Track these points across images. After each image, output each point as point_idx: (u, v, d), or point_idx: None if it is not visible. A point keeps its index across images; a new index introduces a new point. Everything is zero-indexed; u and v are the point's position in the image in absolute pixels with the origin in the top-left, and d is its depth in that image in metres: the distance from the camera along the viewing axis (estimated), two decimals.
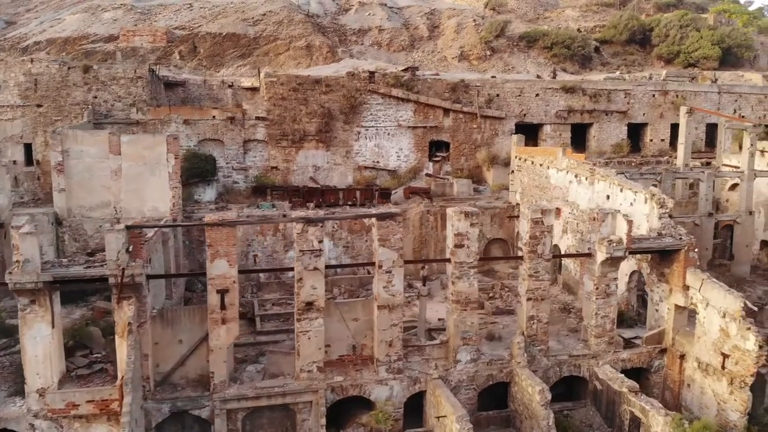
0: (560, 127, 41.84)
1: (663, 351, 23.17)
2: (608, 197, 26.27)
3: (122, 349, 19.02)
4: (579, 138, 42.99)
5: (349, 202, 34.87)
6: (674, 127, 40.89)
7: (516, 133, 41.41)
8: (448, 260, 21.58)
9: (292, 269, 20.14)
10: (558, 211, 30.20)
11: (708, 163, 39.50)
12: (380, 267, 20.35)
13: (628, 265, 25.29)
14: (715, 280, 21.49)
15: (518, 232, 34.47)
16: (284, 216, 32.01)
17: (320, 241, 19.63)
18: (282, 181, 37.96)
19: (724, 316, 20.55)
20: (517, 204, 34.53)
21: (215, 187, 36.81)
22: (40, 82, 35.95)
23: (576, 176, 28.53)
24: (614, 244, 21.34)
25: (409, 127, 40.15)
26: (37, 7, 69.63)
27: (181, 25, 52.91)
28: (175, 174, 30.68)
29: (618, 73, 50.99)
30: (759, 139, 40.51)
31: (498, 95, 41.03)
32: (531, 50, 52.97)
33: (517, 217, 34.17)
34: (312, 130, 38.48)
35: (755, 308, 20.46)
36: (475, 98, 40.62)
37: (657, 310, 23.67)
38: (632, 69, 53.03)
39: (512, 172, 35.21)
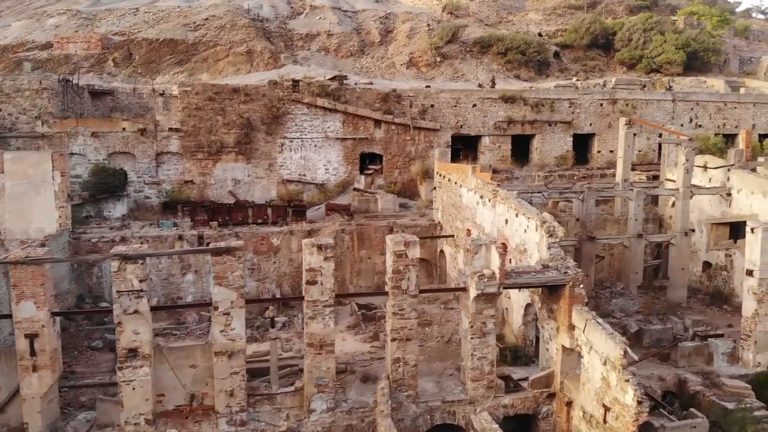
0: (500, 138, 39.49)
1: (552, 396, 20.88)
2: (507, 221, 24.01)
3: None
4: (522, 150, 40.66)
5: (260, 220, 32.64)
6: None
7: (455, 145, 39.27)
8: (302, 298, 19.40)
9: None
10: (468, 232, 27.98)
11: (656, 177, 37.18)
12: (216, 308, 18.21)
13: (523, 297, 23.06)
14: (600, 320, 19.13)
15: (441, 251, 32.33)
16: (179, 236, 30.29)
17: (141, 281, 17.52)
18: (198, 196, 35.91)
19: (605, 363, 18.25)
20: (439, 222, 32.35)
21: (126, 202, 34.84)
22: None
23: (482, 197, 26.29)
24: (486, 279, 19.10)
25: (337, 138, 38.01)
26: (3, 11, 68.14)
27: (121, 30, 50.99)
28: (62, 192, 29.02)
29: (574, 79, 48.60)
30: (714, 152, 38.26)
31: (432, 106, 38.75)
32: (485, 56, 50.63)
33: (435, 237, 32.08)
34: (230, 142, 36.42)
35: (635, 358, 18.11)
36: (407, 109, 38.42)
37: (548, 350, 21.38)
38: (591, 75, 50.58)
39: (434, 188, 32.99)
